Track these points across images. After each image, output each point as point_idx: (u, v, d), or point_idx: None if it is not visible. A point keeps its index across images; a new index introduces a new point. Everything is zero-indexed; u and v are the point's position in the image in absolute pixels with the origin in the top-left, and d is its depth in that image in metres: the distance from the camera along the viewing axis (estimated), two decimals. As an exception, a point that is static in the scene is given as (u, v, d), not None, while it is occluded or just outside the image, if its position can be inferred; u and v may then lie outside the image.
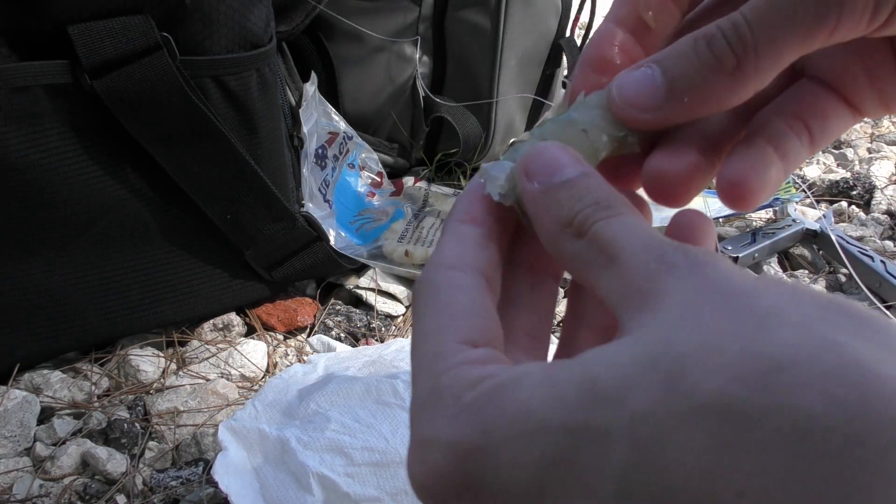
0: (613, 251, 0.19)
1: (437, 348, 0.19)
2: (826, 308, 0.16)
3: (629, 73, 0.23)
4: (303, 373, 0.56)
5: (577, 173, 0.21)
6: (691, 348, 0.15)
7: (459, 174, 1.03)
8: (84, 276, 0.62)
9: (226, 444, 0.48)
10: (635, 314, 0.17)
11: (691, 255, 0.18)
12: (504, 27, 0.91)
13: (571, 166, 0.21)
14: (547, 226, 0.21)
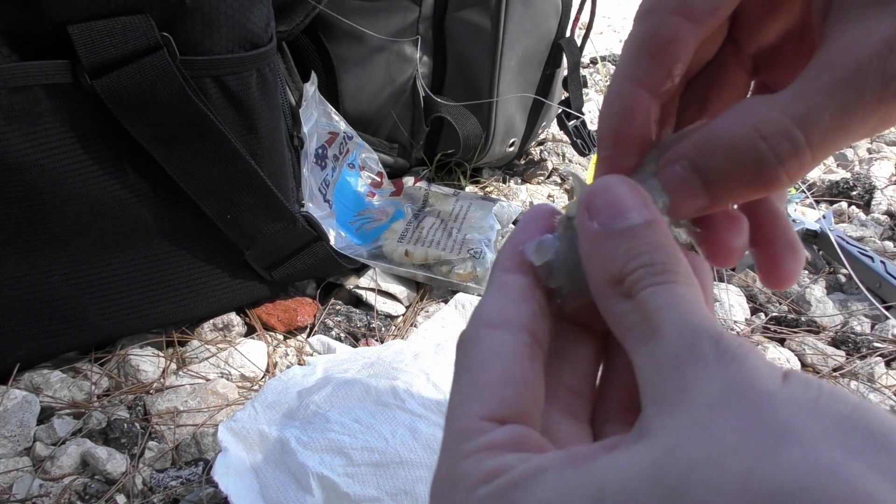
0: (654, 325, 0.18)
1: (463, 424, 0.19)
2: (846, 425, 0.15)
3: (664, 172, 0.22)
4: (302, 374, 0.56)
5: (642, 220, 0.20)
6: (698, 460, 0.15)
7: (459, 174, 1.03)
8: (84, 276, 0.62)
9: (225, 444, 0.48)
10: (655, 410, 0.17)
11: (722, 346, 0.17)
12: (504, 27, 0.91)
13: (637, 211, 0.20)
14: (598, 275, 0.20)
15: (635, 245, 0.19)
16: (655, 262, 0.19)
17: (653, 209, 0.20)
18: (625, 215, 0.20)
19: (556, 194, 1.06)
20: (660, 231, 0.20)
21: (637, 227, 0.20)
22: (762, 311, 0.76)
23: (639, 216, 0.20)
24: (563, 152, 1.15)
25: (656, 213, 0.20)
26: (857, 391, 0.64)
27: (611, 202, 0.20)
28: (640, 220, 0.20)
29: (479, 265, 0.77)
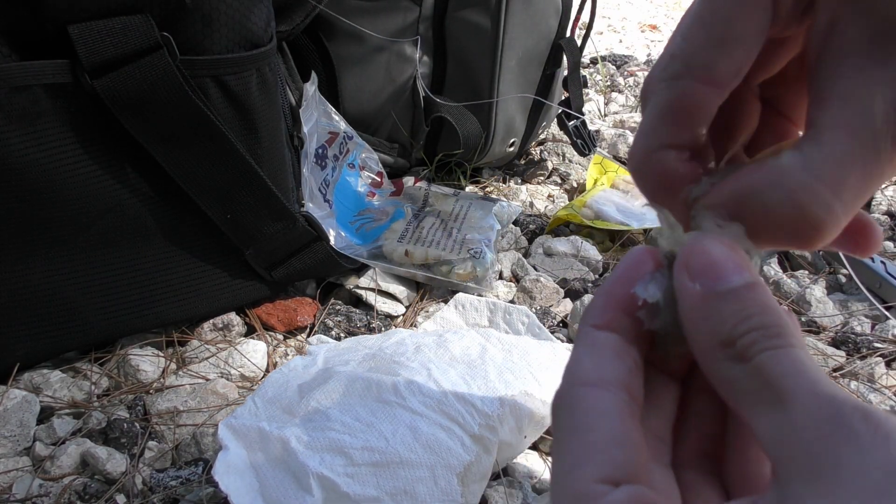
0: (781, 391, 0.18)
1: (580, 488, 0.19)
2: None
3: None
4: (303, 366, 0.56)
5: (743, 283, 0.20)
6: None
7: (459, 174, 1.03)
8: (84, 276, 0.62)
9: (226, 442, 0.48)
10: (804, 484, 0.16)
11: (873, 421, 0.16)
12: (504, 27, 0.91)
13: (738, 273, 0.20)
14: (703, 338, 0.20)
15: (743, 307, 0.19)
16: (768, 324, 0.19)
17: (752, 270, 0.20)
18: (727, 277, 0.20)
19: (556, 194, 1.06)
20: (763, 292, 0.20)
21: (741, 289, 0.20)
22: (762, 310, 0.76)
23: (740, 278, 0.20)
24: (563, 152, 1.15)
25: (756, 273, 0.20)
26: (857, 391, 0.64)
27: (710, 263, 0.20)
28: (741, 282, 0.20)
29: (479, 265, 0.77)
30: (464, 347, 0.58)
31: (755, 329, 0.19)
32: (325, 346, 0.61)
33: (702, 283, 0.20)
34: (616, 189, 1.00)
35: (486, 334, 0.61)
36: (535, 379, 0.56)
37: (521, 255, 0.86)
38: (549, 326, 0.73)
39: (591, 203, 0.94)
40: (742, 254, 0.21)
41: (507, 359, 0.58)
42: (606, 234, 0.93)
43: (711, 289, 0.20)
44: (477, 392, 0.52)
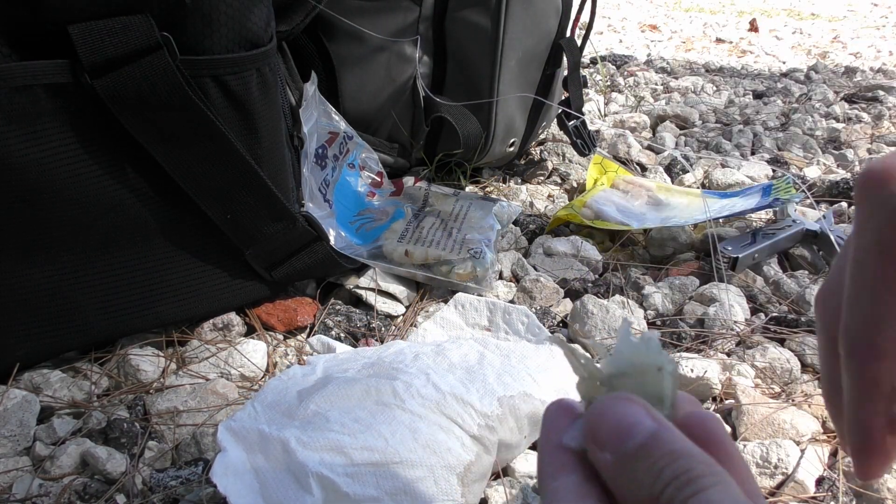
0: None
1: None
2: None
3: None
4: (302, 374, 0.56)
5: (648, 434, 0.20)
6: None
7: (459, 174, 1.03)
8: (84, 276, 0.62)
9: (225, 444, 0.48)
10: None
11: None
12: (504, 27, 0.91)
13: (641, 425, 0.20)
14: (632, 499, 0.20)
15: (653, 463, 0.20)
16: (679, 472, 0.19)
17: (655, 414, 0.21)
18: (631, 435, 0.20)
19: (556, 194, 1.06)
20: (668, 437, 0.20)
21: (647, 444, 0.20)
22: (762, 311, 0.76)
23: (644, 431, 0.20)
24: (563, 152, 1.15)
25: (659, 417, 0.20)
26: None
27: (613, 426, 0.21)
28: (646, 435, 0.20)
29: (479, 265, 0.77)
30: (462, 354, 0.58)
31: (668, 483, 0.19)
32: (324, 356, 0.61)
33: (610, 451, 0.20)
34: (616, 189, 1.00)
35: (484, 342, 0.61)
36: (533, 380, 0.56)
37: (521, 255, 0.86)
38: (549, 326, 0.73)
39: (591, 203, 0.94)
40: (639, 404, 0.21)
41: (506, 363, 0.58)
42: (606, 234, 0.93)
43: (620, 453, 0.20)
44: (476, 393, 0.52)
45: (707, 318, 0.73)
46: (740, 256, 0.81)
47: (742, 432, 0.59)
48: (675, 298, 0.78)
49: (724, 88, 1.73)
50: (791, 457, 0.55)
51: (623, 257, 0.88)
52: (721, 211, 0.89)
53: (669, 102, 1.54)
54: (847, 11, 3.58)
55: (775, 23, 3.11)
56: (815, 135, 1.34)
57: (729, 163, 1.17)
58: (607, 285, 0.80)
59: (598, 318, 0.71)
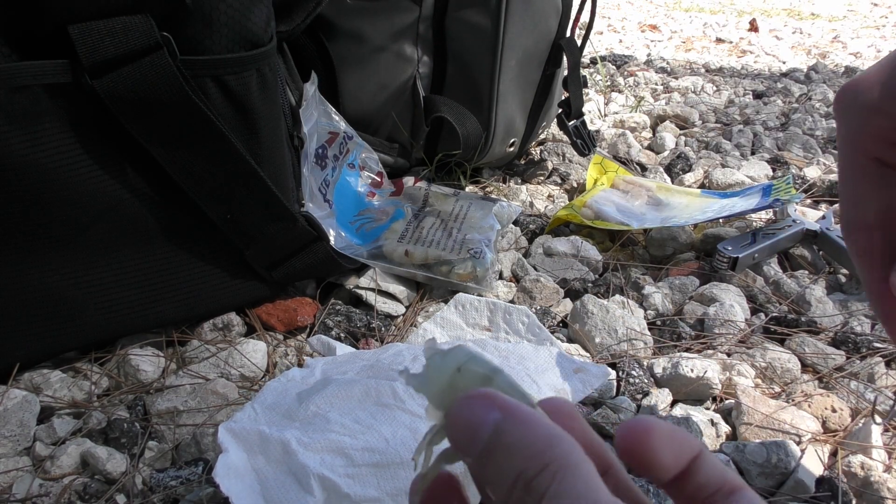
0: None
1: None
2: None
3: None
4: (301, 377, 0.56)
5: (491, 431, 0.20)
6: None
7: (459, 174, 1.03)
8: (84, 276, 0.62)
9: (226, 445, 0.48)
10: None
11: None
12: (504, 27, 0.91)
13: (485, 423, 0.20)
14: (499, 498, 0.20)
15: (498, 465, 0.19)
16: (518, 473, 0.19)
17: (502, 402, 0.20)
18: (478, 437, 0.20)
19: (556, 194, 1.06)
20: (509, 429, 0.20)
21: (491, 443, 0.20)
22: (762, 311, 0.76)
23: (488, 428, 0.20)
24: (563, 152, 1.15)
25: (506, 403, 0.20)
26: (856, 391, 0.64)
27: (462, 430, 0.20)
28: (489, 432, 0.20)
29: (479, 265, 0.77)
30: None
31: (512, 487, 0.19)
32: (323, 359, 0.61)
33: (469, 454, 0.20)
34: (616, 189, 1.00)
35: (483, 343, 0.61)
36: (533, 381, 0.56)
37: (521, 255, 0.86)
38: (549, 326, 0.73)
39: (591, 203, 0.94)
40: (483, 396, 0.20)
41: (504, 364, 0.58)
42: (606, 234, 0.93)
43: (474, 456, 0.20)
44: (477, 393, 0.52)
45: (707, 318, 0.73)
46: (740, 256, 0.81)
47: (742, 432, 0.59)
48: (675, 298, 0.79)
49: (724, 88, 1.73)
50: (791, 456, 0.55)
51: (623, 257, 0.88)
52: (721, 211, 0.89)
53: (669, 102, 1.54)
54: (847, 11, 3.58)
55: (775, 23, 3.11)
56: (815, 135, 1.34)
57: (729, 163, 1.17)
58: (607, 285, 0.80)
59: (598, 318, 0.71)
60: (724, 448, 0.57)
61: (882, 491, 0.53)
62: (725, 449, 0.57)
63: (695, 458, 0.23)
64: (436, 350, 0.23)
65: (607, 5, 3.40)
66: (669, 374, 0.65)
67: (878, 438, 0.57)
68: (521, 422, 0.20)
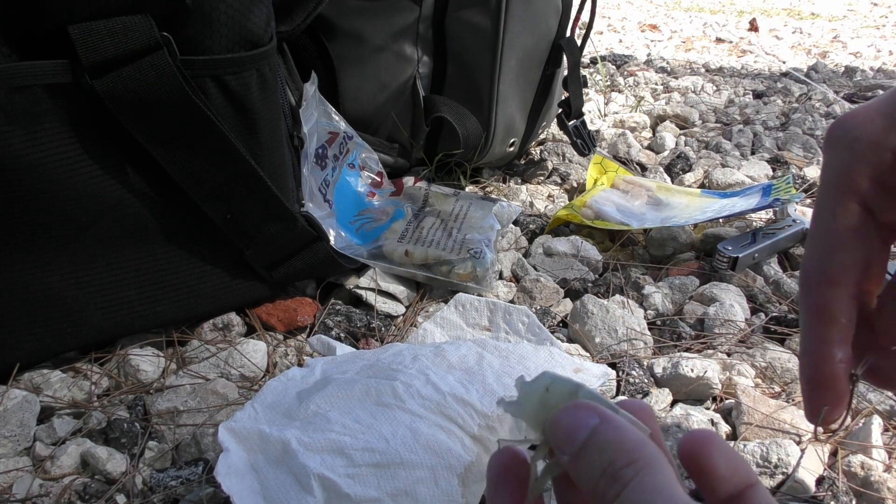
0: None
1: None
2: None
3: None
4: (301, 376, 0.56)
5: (589, 431, 0.22)
6: None
7: (459, 174, 1.03)
8: (84, 276, 0.62)
9: (226, 445, 0.48)
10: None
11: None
12: (504, 27, 0.91)
13: (586, 425, 0.22)
14: (586, 489, 0.22)
15: (589, 458, 0.22)
16: (605, 466, 0.21)
17: (601, 411, 0.23)
18: (577, 436, 0.22)
19: (556, 194, 1.06)
20: (605, 430, 0.22)
21: (587, 441, 0.22)
22: (762, 310, 0.76)
23: (587, 428, 0.22)
24: (563, 152, 1.15)
25: (605, 412, 0.23)
26: (856, 391, 0.64)
27: (564, 431, 0.23)
28: (588, 432, 0.22)
29: (479, 265, 0.77)
30: (461, 356, 0.58)
31: (600, 477, 0.21)
32: (323, 359, 0.61)
33: (565, 453, 0.23)
34: (616, 189, 1.00)
35: (483, 343, 0.61)
36: (534, 380, 0.56)
37: (521, 255, 0.86)
38: (549, 326, 0.73)
39: (591, 203, 0.94)
40: (588, 406, 0.23)
41: (505, 364, 0.58)
42: (606, 234, 0.93)
43: (571, 453, 0.22)
44: (476, 394, 0.52)
45: (707, 317, 0.73)
46: (740, 256, 0.81)
47: (742, 432, 0.59)
48: (675, 298, 0.79)
49: (724, 88, 1.73)
50: (791, 456, 0.55)
51: (623, 257, 0.88)
52: (721, 211, 0.89)
53: (669, 102, 1.54)
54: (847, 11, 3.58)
55: (775, 22, 3.11)
56: (815, 134, 1.34)
57: (729, 163, 1.17)
58: (607, 285, 0.80)
59: (598, 318, 0.71)
60: (724, 448, 0.57)
61: (882, 491, 0.53)
62: (725, 449, 0.57)
63: (749, 486, 0.25)
64: (523, 379, 0.27)
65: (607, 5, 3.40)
66: (669, 373, 0.65)
67: (878, 438, 0.57)
68: (616, 426, 0.22)
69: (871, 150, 0.27)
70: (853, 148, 0.27)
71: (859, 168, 0.27)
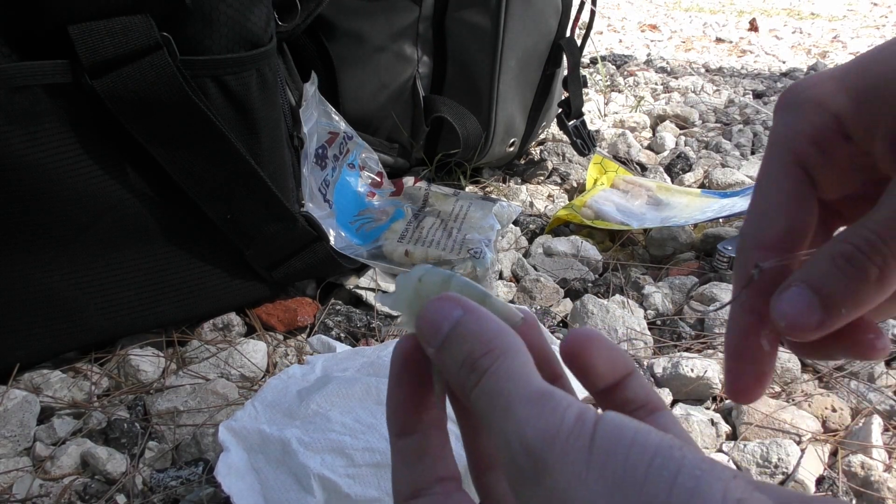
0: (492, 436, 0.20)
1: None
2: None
3: (782, 296, 0.25)
4: (301, 374, 0.56)
5: (454, 322, 0.23)
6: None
7: (459, 174, 1.03)
8: (84, 276, 0.62)
9: (227, 444, 0.48)
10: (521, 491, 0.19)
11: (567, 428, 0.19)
12: (504, 27, 0.91)
13: (449, 317, 0.23)
14: (452, 384, 0.23)
15: (453, 350, 0.22)
16: (465, 356, 0.22)
17: (466, 303, 0.23)
18: (440, 328, 0.23)
19: (556, 194, 1.06)
20: (468, 321, 0.22)
21: (451, 332, 0.22)
22: (762, 311, 0.76)
23: (451, 320, 0.23)
24: (563, 152, 1.15)
25: (470, 304, 0.23)
26: (856, 391, 0.64)
27: (429, 323, 0.23)
28: (452, 323, 0.22)
29: (479, 265, 0.77)
30: None
31: (460, 368, 0.22)
32: (323, 356, 0.61)
33: (431, 345, 0.23)
34: (616, 189, 1.00)
35: None
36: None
37: (521, 255, 0.86)
38: (550, 326, 0.73)
39: (591, 203, 0.94)
40: (453, 298, 0.23)
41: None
42: (606, 233, 0.93)
43: (436, 345, 0.23)
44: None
45: (707, 317, 0.73)
46: (740, 256, 0.81)
47: (742, 432, 0.59)
48: (675, 298, 0.79)
49: (724, 88, 1.73)
50: (791, 456, 0.55)
51: (623, 257, 0.88)
52: (721, 211, 0.89)
53: (669, 102, 1.54)
54: (847, 11, 3.58)
55: (775, 22, 3.11)
56: (814, 134, 1.34)
57: (729, 162, 1.17)
58: (607, 285, 0.80)
59: (598, 317, 0.71)
60: (724, 447, 0.57)
61: (882, 490, 0.53)
62: (725, 448, 0.57)
63: (627, 375, 0.26)
64: (402, 272, 0.27)
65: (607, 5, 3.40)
66: (669, 373, 0.65)
67: (878, 438, 0.57)
68: (478, 317, 0.22)
69: (814, 112, 0.26)
70: (798, 110, 0.27)
71: (804, 126, 0.27)
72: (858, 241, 0.23)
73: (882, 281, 0.23)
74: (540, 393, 0.20)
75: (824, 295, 0.24)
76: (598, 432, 0.18)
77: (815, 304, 0.24)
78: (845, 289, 0.24)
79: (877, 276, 0.23)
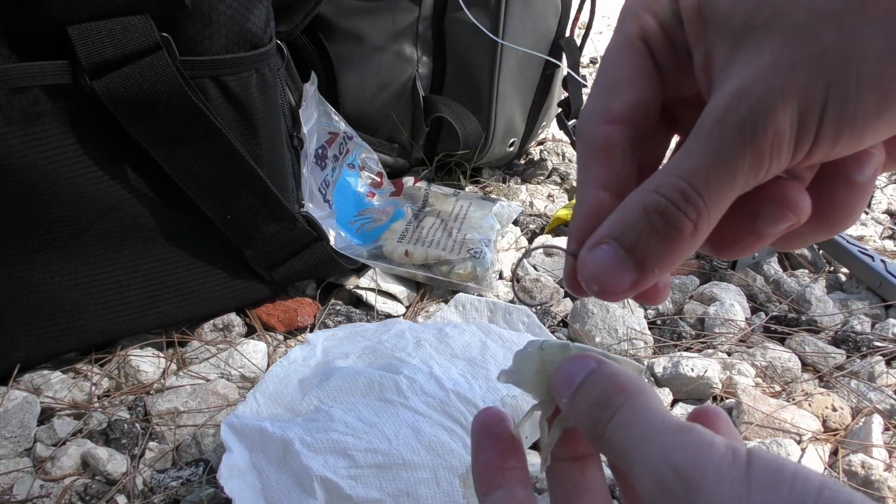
0: (628, 461, 0.21)
1: None
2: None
3: (592, 255, 0.23)
4: (302, 357, 0.56)
5: (587, 373, 0.24)
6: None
7: (459, 174, 1.03)
8: (84, 277, 0.62)
9: (228, 443, 0.48)
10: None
11: (686, 479, 0.19)
12: (504, 27, 0.91)
13: (583, 369, 0.24)
14: (580, 422, 0.24)
15: (586, 394, 0.24)
16: (598, 395, 0.23)
17: (599, 359, 0.25)
18: (574, 379, 0.24)
19: (556, 194, 1.06)
20: (601, 371, 0.24)
21: (584, 381, 0.24)
22: (762, 310, 0.76)
23: (585, 371, 0.24)
24: (563, 152, 1.14)
25: (602, 359, 0.25)
26: (856, 390, 0.64)
27: (564, 377, 0.25)
28: (586, 374, 0.24)
29: (479, 265, 0.77)
30: (464, 343, 0.58)
31: (592, 406, 0.23)
32: (324, 333, 0.61)
33: (564, 396, 0.25)
34: (616, 189, 1.00)
35: (487, 329, 0.61)
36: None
37: (521, 255, 0.86)
38: (549, 326, 0.73)
39: (590, 203, 0.94)
40: (587, 355, 0.25)
41: (508, 356, 0.58)
42: (606, 233, 0.92)
43: (568, 395, 0.25)
44: (479, 391, 0.52)
45: (707, 317, 0.73)
46: (740, 256, 0.81)
47: (742, 431, 0.59)
48: (675, 298, 0.79)
49: (724, 88, 1.72)
50: (791, 456, 0.55)
51: (623, 257, 0.88)
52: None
53: (669, 102, 1.54)
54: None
55: (774, 22, 3.11)
56: (814, 134, 1.34)
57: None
58: (607, 285, 0.80)
59: (599, 317, 0.71)
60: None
61: (882, 490, 0.53)
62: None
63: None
64: (518, 350, 0.28)
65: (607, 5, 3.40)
66: (670, 373, 0.65)
67: (878, 437, 0.57)
68: (611, 367, 0.24)
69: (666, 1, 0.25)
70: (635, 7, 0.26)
71: (651, 6, 0.26)
72: (671, 193, 0.22)
73: (696, 236, 0.22)
74: (680, 424, 0.21)
75: (637, 255, 0.22)
76: (755, 461, 0.19)
77: (628, 265, 0.23)
78: (658, 247, 0.22)
79: (692, 231, 0.22)
